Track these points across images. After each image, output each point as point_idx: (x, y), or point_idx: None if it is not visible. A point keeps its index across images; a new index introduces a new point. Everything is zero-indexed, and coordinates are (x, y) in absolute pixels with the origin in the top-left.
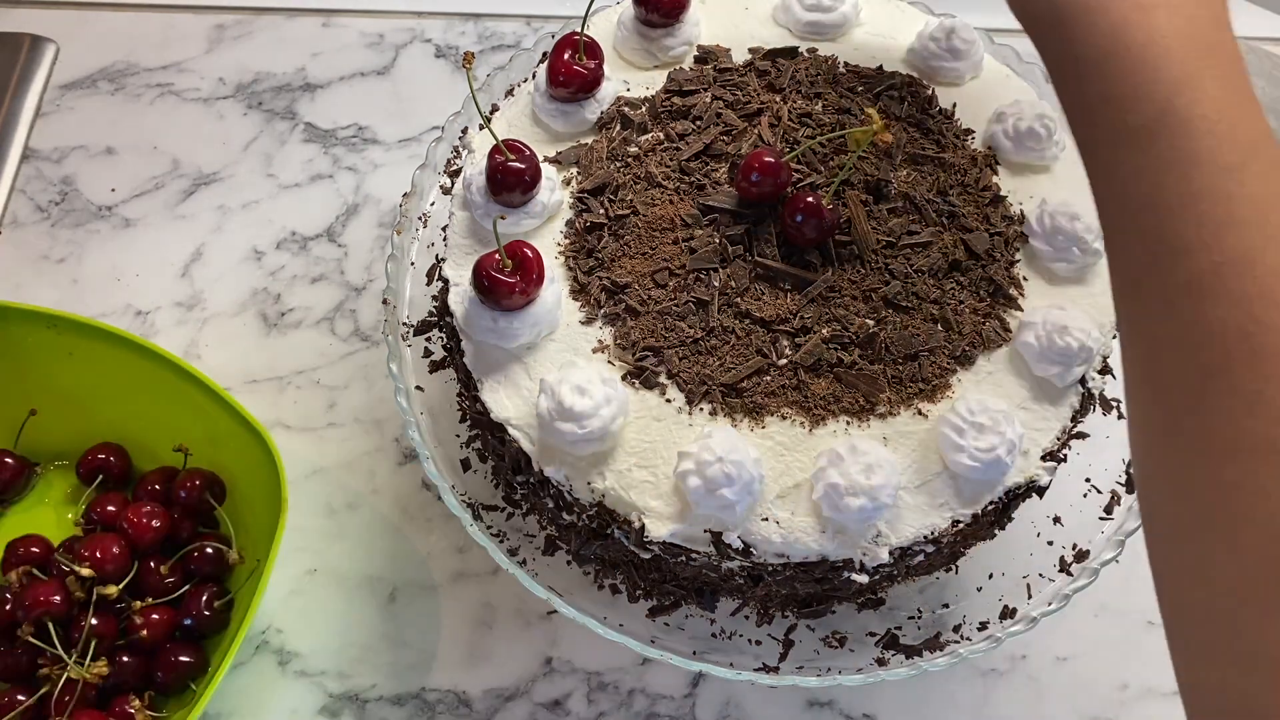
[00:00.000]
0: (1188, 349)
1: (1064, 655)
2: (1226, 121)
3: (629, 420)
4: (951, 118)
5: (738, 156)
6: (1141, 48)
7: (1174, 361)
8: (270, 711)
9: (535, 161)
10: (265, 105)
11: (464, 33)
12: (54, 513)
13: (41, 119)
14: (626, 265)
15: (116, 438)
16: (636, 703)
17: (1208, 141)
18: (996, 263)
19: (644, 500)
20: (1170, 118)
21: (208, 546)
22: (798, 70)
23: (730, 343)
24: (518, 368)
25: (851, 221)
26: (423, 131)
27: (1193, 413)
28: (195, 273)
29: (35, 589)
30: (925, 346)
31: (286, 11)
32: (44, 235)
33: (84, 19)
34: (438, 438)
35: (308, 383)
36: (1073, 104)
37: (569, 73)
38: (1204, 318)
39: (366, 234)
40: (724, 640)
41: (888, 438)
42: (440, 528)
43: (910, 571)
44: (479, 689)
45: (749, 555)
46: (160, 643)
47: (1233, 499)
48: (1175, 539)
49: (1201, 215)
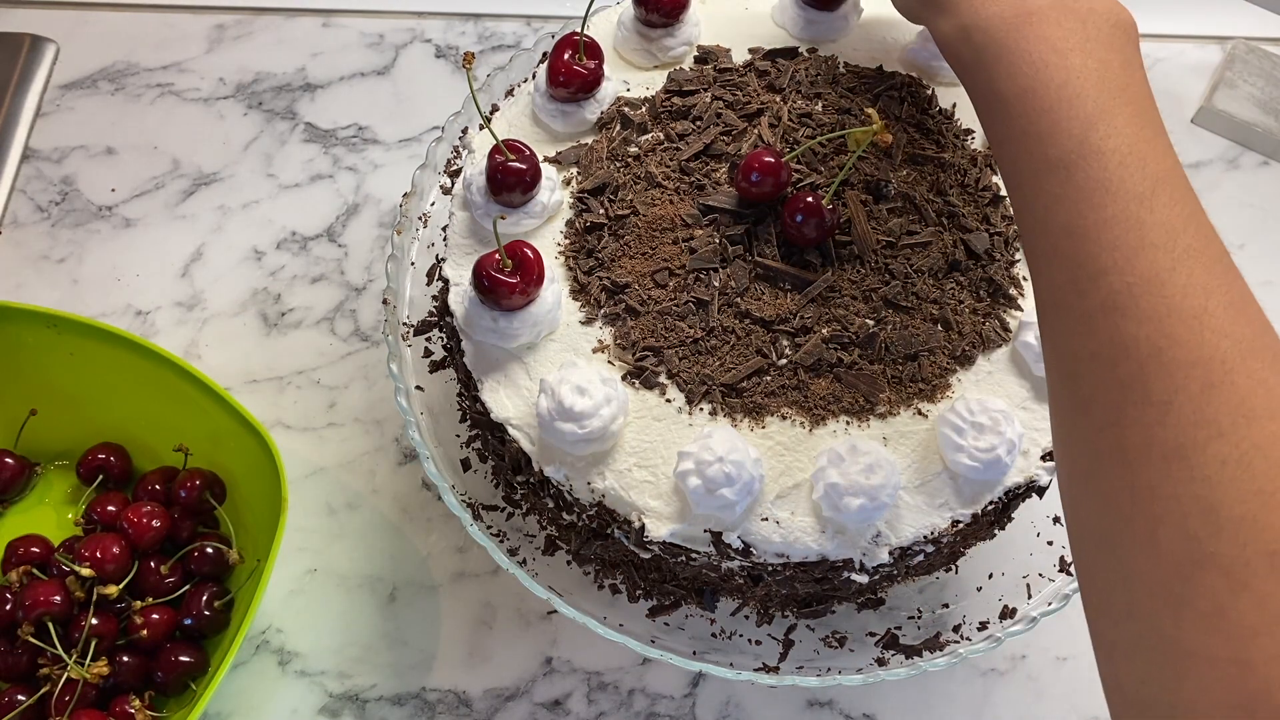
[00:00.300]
0: (1105, 363)
1: (1064, 655)
2: (1137, 154)
3: (629, 420)
4: (951, 118)
5: (738, 156)
6: (1059, 87)
7: (1093, 375)
8: (270, 711)
9: (535, 161)
10: (265, 105)
11: (464, 33)
12: (54, 513)
13: (41, 119)
14: (626, 265)
15: (116, 438)
16: (636, 703)
17: (1119, 172)
18: (996, 263)
19: (644, 500)
20: (1086, 150)
21: (208, 546)
22: (798, 70)
23: (730, 343)
24: (518, 368)
25: (851, 221)
26: (423, 131)
27: (1112, 424)
28: (195, 273)
29: (35, 589)
30: (925, 346)
31: (286, 11)
32: (44, 235)
33: (84, 19)
34: (438, 438)
35: (308, 383)
36: (998, 138)
37: (569, 73)
38: (1120, 334)
39: (366, 234)
40: (724, 640)
41: (888, 438)
42: (440, 528)
43: (910, 571)
44: (479, 689)
45: (749, 555)
46: (160, 643)
47: (1149, 503)
48: (1098, 544)
49: (1115, 240)
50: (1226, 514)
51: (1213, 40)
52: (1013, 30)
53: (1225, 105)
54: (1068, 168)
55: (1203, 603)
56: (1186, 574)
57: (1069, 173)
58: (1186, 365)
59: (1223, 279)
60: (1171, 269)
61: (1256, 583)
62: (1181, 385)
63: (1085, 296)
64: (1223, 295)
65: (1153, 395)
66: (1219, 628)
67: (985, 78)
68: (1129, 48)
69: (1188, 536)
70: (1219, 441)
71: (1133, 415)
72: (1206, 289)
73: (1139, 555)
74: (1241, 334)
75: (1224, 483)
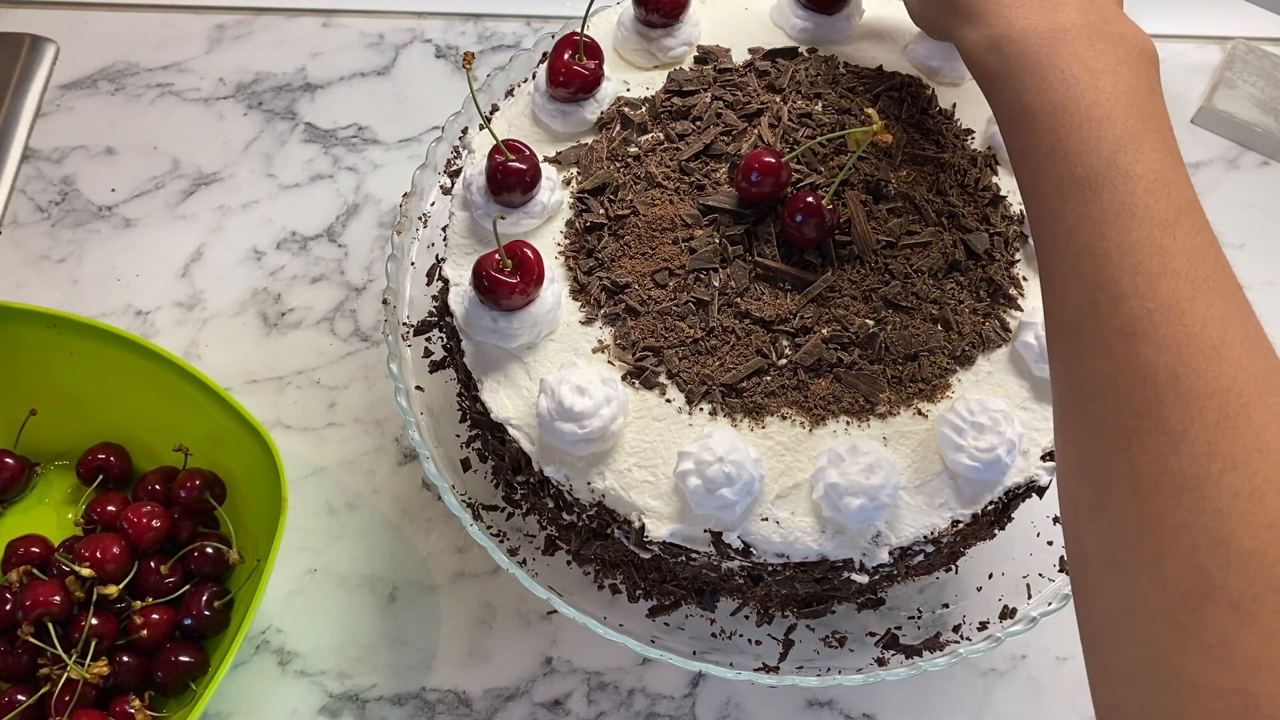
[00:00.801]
0: (1121, 389)
1: (1064, 655)
2: (1163, 181)
3: (629, 420)
4: (951, 118)
5: (738, 156)
6: (1090, 106)
7: (1107, 400)
8: (270, 711)
9: (535, 161)
10: (265, 105)
11: (464, 33)
12: (54, 513)
13: (41, 119)
14: (626, 265)
15: (116, 438)
16: (636, 703)
17: (1146, 198)
18: (996, 263)
19: (644, 500)
20: (1114, 171)
21: (208, 546)
22: (798, 70)
23: (730, 343)
24: (518, 368)
25: (851, 221)
26: (423, 131)
27: (1123, 450)
28: (195, 273)
29: (35, 589)
30: (925, 346)
31: (286, 11)
32: (44, 235)
33: (84, 19)
34: (438, 438)
35: (308, 383)
36: (1021, 152)
37: (569, 73)
38: (1137, 360)
39: (366, 234)
40: (724, 640)
41: (888, 438)
42: (440, 528)
43: (910, 571)
44: (479, 689)
45: (749, 555)
46: (160, 643)
47: (1158, 531)
48: (1102, 568)
49: (1138, 264)
50: (1236, 547)
51: (1213, 40)
52: (1045, 45)
53: (1225, 105)
54: (1094, 188)
55: (1208, 634)
56: (1193, 605)
57: (1095, 193)
58: (1203, 396)
59: (1240, 313)
60: (1192, 298)
61: (1265, 617)
62: (1197, 415)
63: (1104, 319)
64: (1240, 329)
65: (1167, 424)
66: (1224, 659)
67: (1013, 90)
68: (1154, 76)
69: (1196, 567)
70: (1232, 474)
71: (1146, 442)
72: (1225, 321)
73: (1144, 583)
74: (1258, 369)
75: (1235, 516)
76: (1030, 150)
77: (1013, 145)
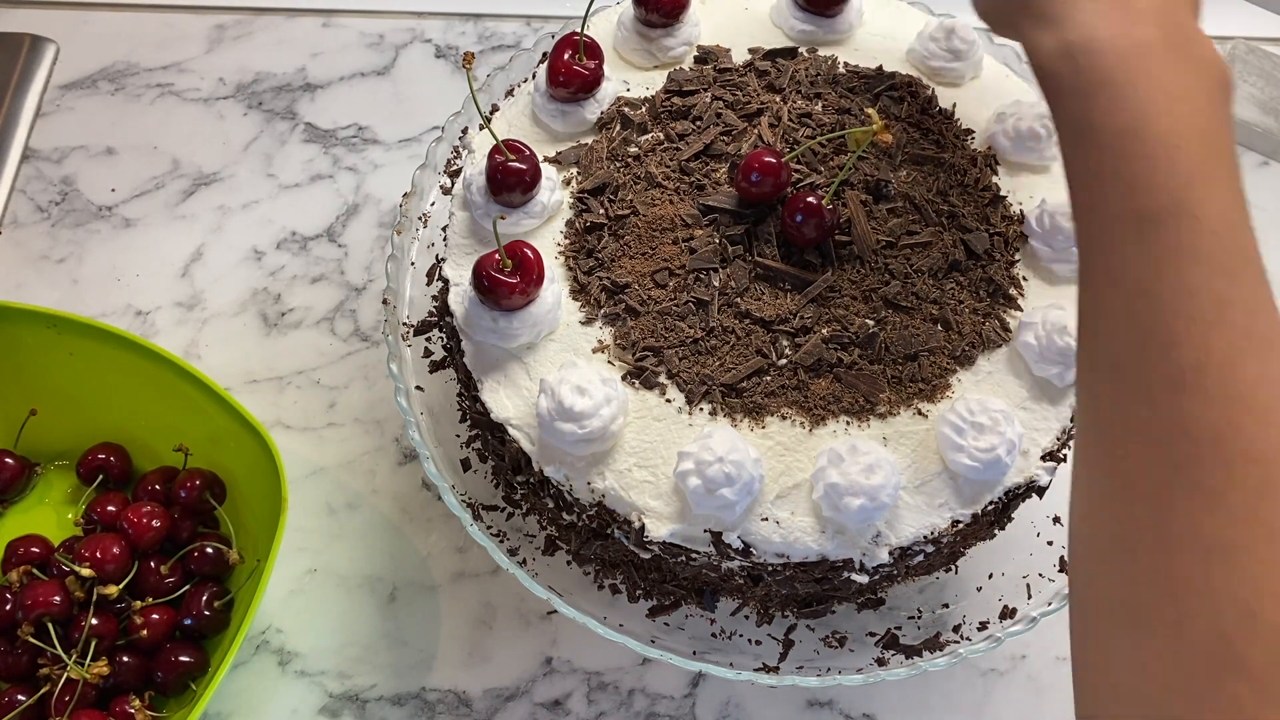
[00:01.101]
0: (1159, 441)
1: (1064, 655)
2: (1228, 225)
3: (629, 420)
4: (951, 118)
5: (738, 156)
6: (1165, 133)
7: (1142, 450)
8: (270, 711)
9: (535, 161)
10: (265, 105)
11: (464, 33)
12: (54, 513)
13: (41, 119)
14: (626, 265)
15: (116, 438)
16: (636, 703)
17: (1210, 241)
18: (996, 263)
19: (644, 500)
20: (1180, 210)
21: (208, 546)
22: (798, 70)
23: (730, 343)
24: (518, 368)
25: (851, 221)
26: (423, 131)
27: (1153, 503)
28: (195, 273)
29: (35, 589)
30: (925, 346)
31: (286, 11)
32: (44, 235)
33: (84, 19)
34: (438, 438)
35: (308, 383)
36: (1081, 172)
37: (569, 73)
38: (1180, 413)
39: (366, 234)
40: (724, 640)
41: (887, 438)
42: (440, 528)
43: (910, 571)
44: (479, 689)
45: (749, 555)
46: (160, 643)
47: (1182, 594)
48: (1114, 622)
49: (1194, 311)
50: (1266, 620)
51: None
52: (1122, 61)
53: None
54: (1156, 223)
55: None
56: (1213, 674)
57: (1156, 229)
58: (1247, 459)
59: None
60: (1246, 355)
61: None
62: (1239, 479)
63: (1150, 367)
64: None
65: (1205, 482)
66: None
67: (1082, 106)
68: (1227, 107)
69: (1219, 635)
70: (1269, 545)
71: (1179, 500)
72: (1276, 382)
73: (1161, 645)
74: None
75: (1268, 588)
76: (1091, 171)
77: (1071, 162)
